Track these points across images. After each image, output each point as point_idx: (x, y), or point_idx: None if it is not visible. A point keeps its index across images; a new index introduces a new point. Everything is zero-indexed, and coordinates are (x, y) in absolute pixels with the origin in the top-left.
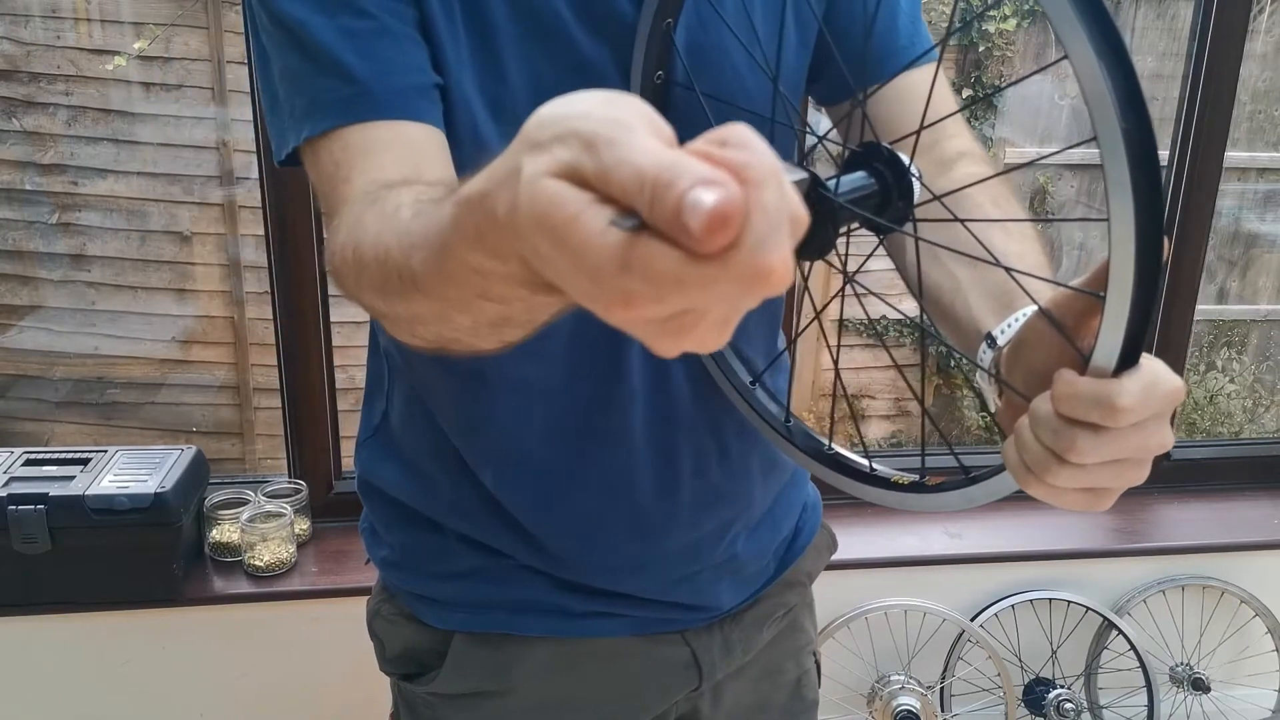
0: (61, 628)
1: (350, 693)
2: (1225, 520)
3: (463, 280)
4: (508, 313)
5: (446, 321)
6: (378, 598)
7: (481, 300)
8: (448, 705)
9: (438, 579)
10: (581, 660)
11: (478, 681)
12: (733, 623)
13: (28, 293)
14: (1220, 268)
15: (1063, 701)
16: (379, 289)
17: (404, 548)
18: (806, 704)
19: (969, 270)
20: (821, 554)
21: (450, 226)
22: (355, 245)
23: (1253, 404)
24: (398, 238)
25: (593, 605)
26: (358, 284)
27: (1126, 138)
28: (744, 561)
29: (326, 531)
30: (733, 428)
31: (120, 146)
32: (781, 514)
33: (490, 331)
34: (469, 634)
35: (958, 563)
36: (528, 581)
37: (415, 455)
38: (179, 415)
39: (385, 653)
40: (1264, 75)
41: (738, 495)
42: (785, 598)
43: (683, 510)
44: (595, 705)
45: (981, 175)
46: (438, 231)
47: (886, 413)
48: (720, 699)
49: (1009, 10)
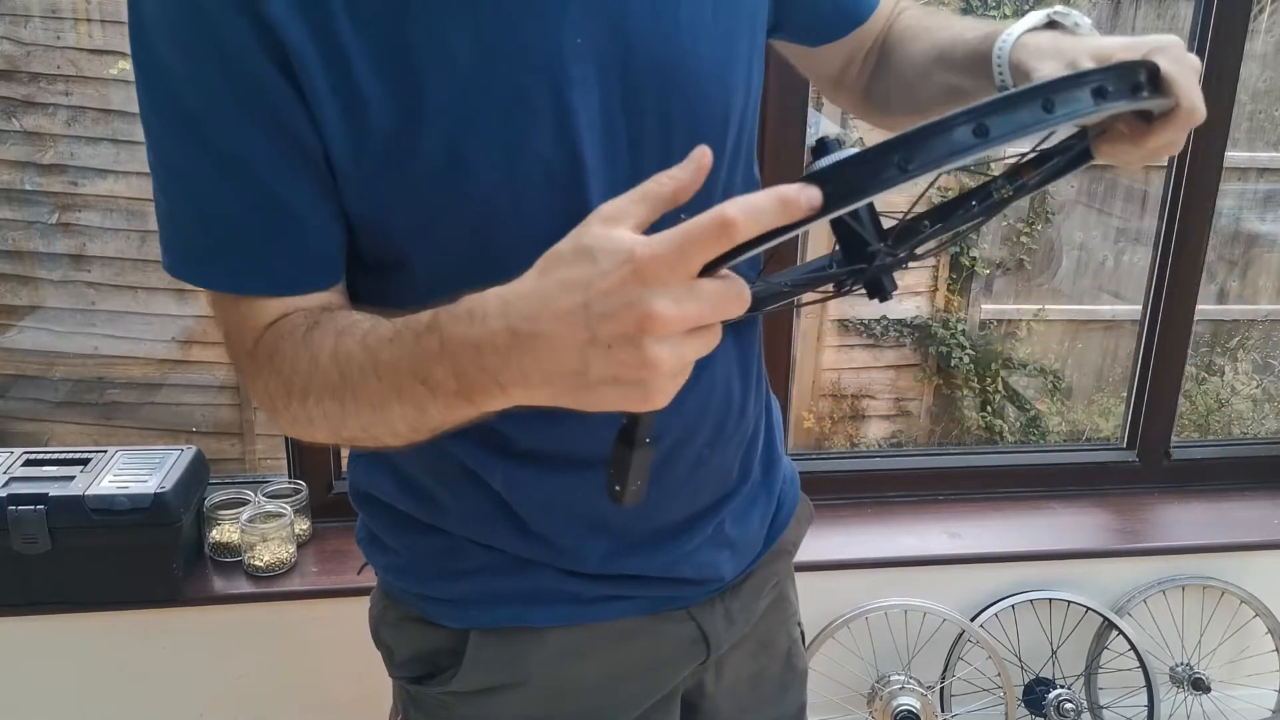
0: (61, 628)
1: (350, 692)
2: (1225, 520)
3: (410, 393)
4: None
5: (378, 423)
6: (380, 605)
7: (417, 411)
8: (464, 702)
9: (448, 579)
10: (593, 644)
11: (496, 676)
12: (732, 594)
13: (28, 293)
14: (1220, 268)
15: (1063, 701)
16: (329, 389)
17: (411, 551)
18: (797, 673)
19: (945, 68)
20: (802, 524)
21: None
22: (310, 357)
23: (1253, 405)
24: (363, 349)
25: (601, 589)
26: (299, 390)
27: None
28: (737, 534)
29: (326, 531)
30: (730, 411)
31: (120, 146)
32: (765, 486)
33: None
34: (483, 630)
35: (958, 563)
36: (536, 573)
37: (412, 470)
38: (179, 415)
39: (394, 658)
40: (1264, 75)
41: (729, 473)
42: (775, 567)
43: (680, 493)
44: (609, 687)
45: (922, 14)
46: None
47: (886, 413)
48: (722, 672)
49: (1009, 11)
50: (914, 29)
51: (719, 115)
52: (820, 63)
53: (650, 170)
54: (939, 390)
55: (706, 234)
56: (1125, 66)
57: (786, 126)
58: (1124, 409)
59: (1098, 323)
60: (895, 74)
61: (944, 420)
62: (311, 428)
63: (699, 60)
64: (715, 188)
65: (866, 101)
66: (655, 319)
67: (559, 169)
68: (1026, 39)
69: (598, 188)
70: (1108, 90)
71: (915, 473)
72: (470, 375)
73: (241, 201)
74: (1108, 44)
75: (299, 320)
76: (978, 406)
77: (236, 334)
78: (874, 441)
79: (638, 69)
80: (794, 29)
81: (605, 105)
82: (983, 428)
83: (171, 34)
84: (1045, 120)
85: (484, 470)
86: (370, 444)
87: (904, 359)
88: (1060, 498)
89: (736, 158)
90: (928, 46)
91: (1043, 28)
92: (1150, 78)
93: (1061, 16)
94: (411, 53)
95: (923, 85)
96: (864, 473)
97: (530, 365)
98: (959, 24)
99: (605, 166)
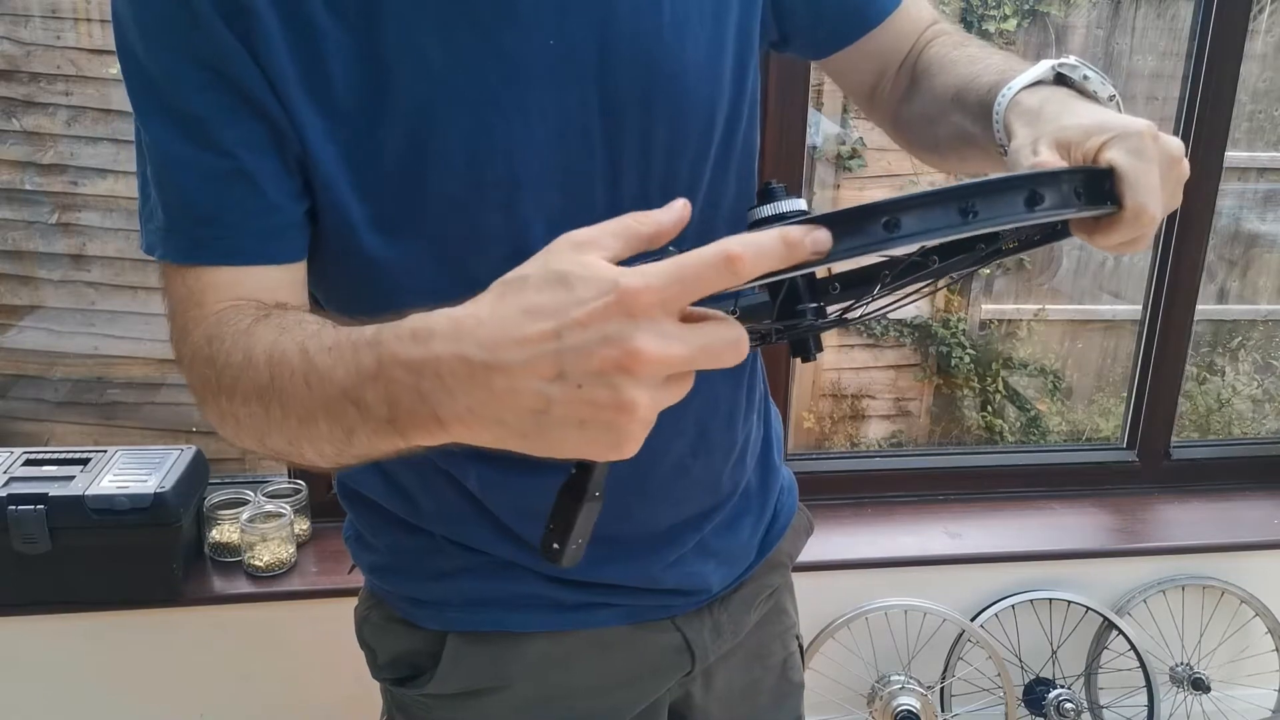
0: (61, 628)
1: (350, 692)
2: (1225, 520)
3: (338, 412)
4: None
5: (303, 438)
6: (365, 604)
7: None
8: (443, 706)
9: (429, 579)
10: (576, 651)
11: (473, 680)
12: (721, 606)
13: (28, 293)
14: (1220, 268)
15: (1063, 701)
16: (256, 391)
17: (393, 550)
18: (793, 686)
19: (959, 109)
20: (800, 535)
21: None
22: (246, 350)
23: (1253, 405)
24: (301, 356)
25: (584, 596)
26: (228, 384)
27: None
28: (724, 546)
29: (326, 531)
30: (716, 420)
31: (120, 146)
32: (759, 498)
33: (333, 451)
34: (463, 634)
35: (958, 563)
36: (518, 577)
37: (394, 469)
38: (179, 415)
39: (376, 659)
40: (1264, 75)
41: (717, 484)
42: (769, 579)
43: (662, 502)
44: (590, 695)
45: (953, 44)
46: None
47: (886, 413)
48: (711, 683)
49: (1009, 10)
50: (941, 61)
51: (703, 117)
52: (849, 75)
53: (628, 174)
54: (939, 390)
55: (708, 270)
56: (1061, 174)
57: (787, 126)
58: (1124, 409)
59: (1098, 323)
60: (919, 105)
61: (944, 420)
62: (239, 428)
63: (683, 61)
64: (696, 195)
65: (895, 126)
66: (639, 358)
67: (525, 170)
68: (1022, 96)
69: (569, 190)
70: (1041, 197)
71: (915, 473)
72: (404, 404)
73: (199, 167)
74: (1072, 127)
75: (248, 311)
76: (978, 406)
77: (181, 313)
78: (874, 441)
79: (617, 70)
80: (802, 38)
81: (582, 107)
82: (983, 428)
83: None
84: (959, 226)
85: (457, 471)
86: (298, 460)
87: (904, 359)
88: (1060, 498)
89: (726, 163)
90: (950, 82)
91: (1052, 80)
92: (1090, 187)
93: (1070, 70)
94: (382, 46)
95: (940, 122)
96: (864, 473)
97: (480, 400)
98: (981, 62)
99: (578, 167)
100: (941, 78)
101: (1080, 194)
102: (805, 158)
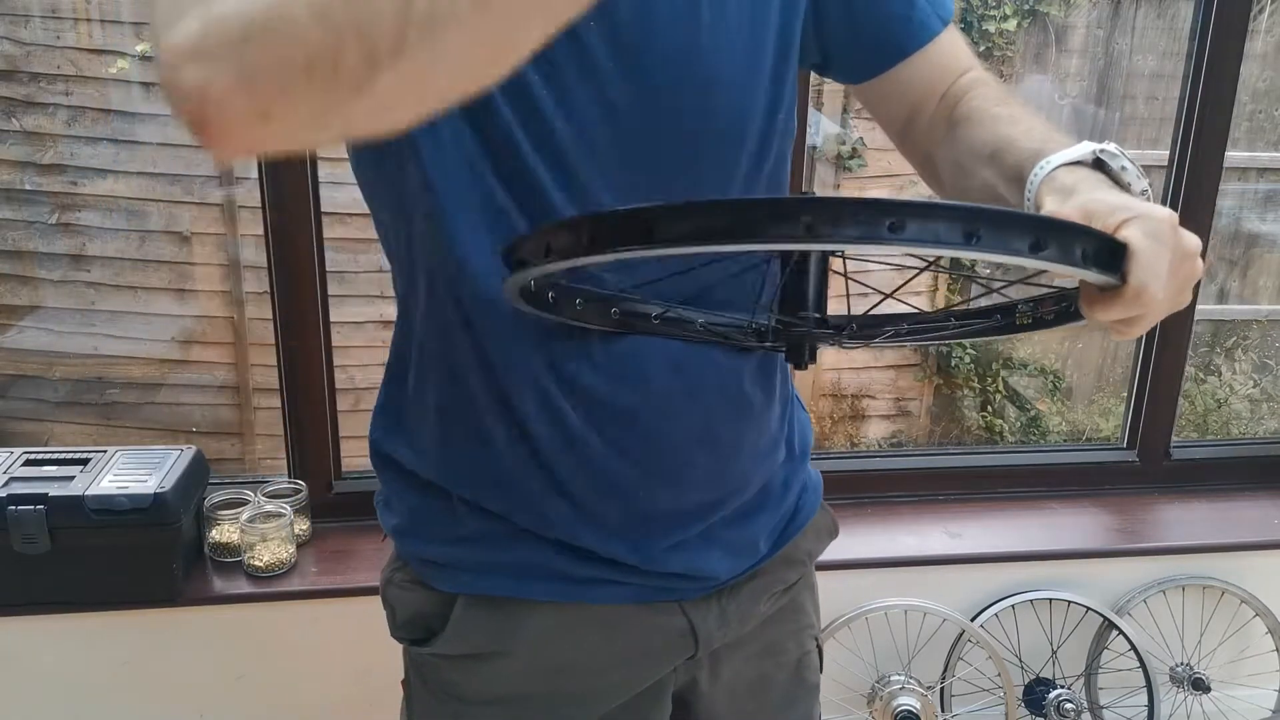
0: (61, 628)
1: (350, 693)
2: (1225, 520)
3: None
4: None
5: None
6: (390, 566)
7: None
8: (452, 667)
9: (444, 543)
10: (581, 626)
11: (478, 643)
12: (730, 595)
13: (27, 293)
14: (1220, 268)
15: (1063, 701)
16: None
17: (413, 513)
18: (808, 686)
19: (993, 168)
20: (821, 536)
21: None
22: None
23: (1250, 405)
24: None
25: (592, 571)
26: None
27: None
28: (734, 537)
29: (326, 531)
30: (725, 415)
31: (120, 146)
32: (779, 496)
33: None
34: (472, 596)
35: (958, 563)
36: (530, 546)
37: (426, 428)
38: (179, 415)
39: (396, 618)
40: (1264, 75)
41: (723, 477)
42: (784, 574)
43: (663, 486)
44: (593, 670)
45: (995, 100)
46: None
47: (886, 413)
48: (718, 673)
49: (1009, 10)
50: (981, 115)
51: (736, 128)
52: (885, 105)
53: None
54: (939, 390)
55: None
56: (1075, 229)
57: None
58: (1124, 409)
59: None
60: (954, 152)
61: (944, 420)
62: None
63: (717, 71)
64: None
65: (925, 164)
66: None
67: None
68: (1058, 174)
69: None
70: (1046, 244)
71: (915, 473)
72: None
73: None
74: (1100, 200)
75: None
76: (978, 406)
77: None
78: (874, 441)
79: (650, 66)
80: (841, 60)
81: (602, 96)
82: (983, 428)
83: None
84: (959, 246)
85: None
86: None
87: (904, 359)
88: (1060, 498)
89: (757, 175)
90: (987, 139)
91: (1090, 164)
92: (1100, 251)
93: (1110, 157)
94: None
95: (973, 175)
96: (864, 473)
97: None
98: (1022, 125)
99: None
100: (980, 132)
101: (1087, 256)
102: (806, 157)
